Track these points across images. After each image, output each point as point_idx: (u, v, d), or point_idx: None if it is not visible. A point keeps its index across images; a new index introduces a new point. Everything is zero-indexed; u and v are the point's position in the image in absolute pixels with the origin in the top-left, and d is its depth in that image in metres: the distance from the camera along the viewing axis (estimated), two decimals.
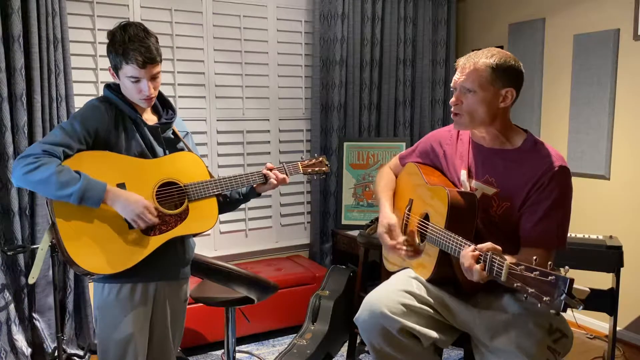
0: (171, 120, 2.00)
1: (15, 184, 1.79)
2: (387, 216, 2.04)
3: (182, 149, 2.03)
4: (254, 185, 2.14)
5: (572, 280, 1.34)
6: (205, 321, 3.20)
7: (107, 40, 1.86)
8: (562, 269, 1.39)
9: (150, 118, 1.98)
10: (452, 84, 1.86)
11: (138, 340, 1.90)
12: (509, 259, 1.53)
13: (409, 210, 2.06)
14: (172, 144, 2.02)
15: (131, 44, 1.80)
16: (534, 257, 1.46)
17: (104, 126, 1.84)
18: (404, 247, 1.94)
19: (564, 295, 1.33)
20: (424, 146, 2.13)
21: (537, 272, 1.40)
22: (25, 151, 1.76)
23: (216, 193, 1.99)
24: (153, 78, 1.86)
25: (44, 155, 1.73)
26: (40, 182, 1.71)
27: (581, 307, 1.35)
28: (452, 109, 1.85)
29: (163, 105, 2.03)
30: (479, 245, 1.60)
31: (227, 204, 2.18)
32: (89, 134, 1.81)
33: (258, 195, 2.18)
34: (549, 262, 1.42)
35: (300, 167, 2.26)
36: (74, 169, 1.76)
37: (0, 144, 2.86)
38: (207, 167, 2.05)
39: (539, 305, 1.38)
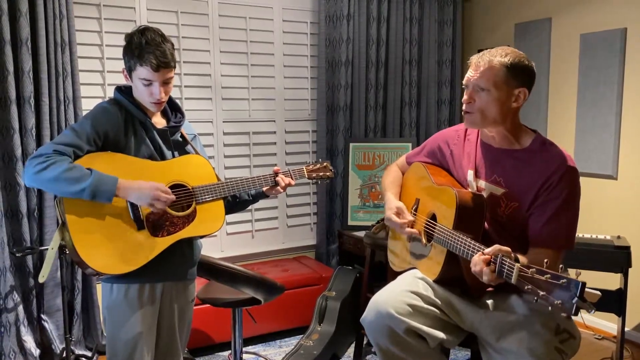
0: (180, 124, 2.02)
1: (26, 183, 1.80)
2: (395, 201, 2.06)
3: (189, 152, 2.05)
4: (264, 189, 2.16)
5: (584, 284, 1.32)
6: (212, 322, 3.21)
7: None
8: (573, 272, 1.38)
9: (159, 121, 1.99)
10: (464, 82, 1.84)
11: (146, 340, 1.91)
12: (520, 259, 1.52)
13: (416, 209, 2.06)
14: (180, 147, 2.03)
15: (147, 47, 1.82)
16: (545, 260, 1.45)
17: (114, 129, 1.86)
18: (414, 230, 1.95)
19: (576, 298, 1.32)
20: (431, 146, 2.13)
21: (549, 275, 1.39)
22: (36, 151, 1.78)
23: (223, 196, 2.01)
24: (165, 83, 1.88)
25: (55, 154, 1.75)
26: (52, 180, 1.73)
27: (593, 311, 1.34)
28: (463, 107, 1.85)
29: (172, 109, 2.05)
30: (487, 250, 1.59)
31: (236, 204, 2.21)
32: (98, 136, 1.83)
33: (267, 196, 2.21)
34: (560, 265, 1.41)
35: (305, 171, 2.28)
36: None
37: (8, 147, 2.88)
38: (214, 169, 2.06)
39: (550, 308, 1.37)
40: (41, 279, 1.95)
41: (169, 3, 3.42)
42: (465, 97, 1.83)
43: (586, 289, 1.33)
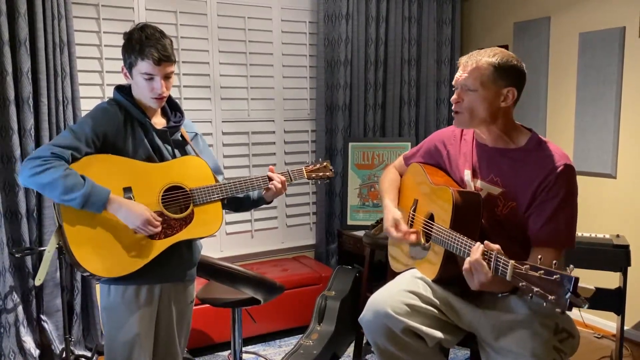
0: (179, 123, 2.01)
1: (21, 183, 1.81)
2: (392, 211, 2.05)
3: (189, 152, 2.04)
4: (263, 193, 2.15)
5: (577, 279, 1.33)
6: (211, 322, 3.21)
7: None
8: (567, 268, 1.39)
9: (159, 122, 1.99)
10: (453, 82, 1.86)
11: (144, 341, 1.91)
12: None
13: (414, 210, 2.06)
14: (180, 147, 2.03)
15: (148, 41, 1.83)
16: (539, 256, 1.46)
17: (113, 130, 1.86)
18: (412, 237, 1.95)
19: (569, 294, 1.33)
20: (428, 146, 2.13)
21: (542, 271, 1.40)
22: (34, 152, 1.77)
23: (221, 197, 2.00)
24: (166, 77, 1.88)
25: (53, 158, 1.74)
26: (47, 185, 1.73)
27: (586, 305, 1.35)
28: (452, 107, 1.86)
29: (171, 108, 2.05)
30: (487, 242, 1.59)
31: (241, 206, 2.20)
32: (97, 138, 1.83)
33: (267, 202, 2.19)
34: (554, 261, 1.42)
35: (304, 172, 2.27)
36: (81, 172, 1.77)
37: (7, 147, 2.88)
38: (212, 170, 2.06)
39: (545, 304, 1.38)
40: (37, 282, 1.96)
41: (168, 3, 3.42)
42: (454, 96, 1.84)
43: (580, 284, 1.34)
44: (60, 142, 1.79)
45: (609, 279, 2.91)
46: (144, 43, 1.82)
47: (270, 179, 2.10)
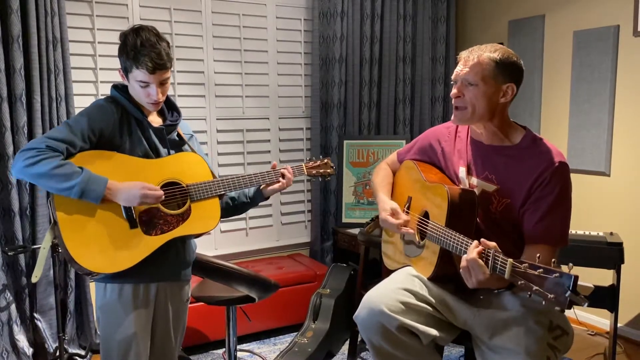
0: (176, 122, 2.00)
1: (14, 175, 1.78)
2: (388, 202, 2.05)
3: (186, 151, 2.03)
4: (261, 187, 2.14)
5: (576, 277, 1.33)
6: (206, 320, 3.20)
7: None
8: (565, 266, 1.39)
9: (155, 120, 1.98)
10: (453, 77, 1.85)
11: (140, 340, 1.90)
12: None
13: (408, 207, 2.06)
14: (177, 146, 2.02)
15: (143, 48, 1.80)
16: (537, 255, 1.46)
17: (110, 126, 1.84)
18: (410, 230, 1.95)
19: (569, 292, 1.32)
20: (422, 143, 2.13)
21: (541, 270, 1.39)
22: (28, 144, 1.75)
23: (219, 193, 1.99)
24: (162, 83, 1.86)
25: (47, 150, 1.73)
26: (42, 175, 1.71)
27: (586, 304, 1.34)
28: (453, 102, 1.85)
29: (168, 107, 2.04)
30: (484, 240, 1.59)
31: (235, 207, 2.19)
32: (93, 134, 1.81)
33: (265, 198, 2.18)
34: (553, 260, 1.41)
35: (304, 168, 2.25)
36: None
37: (0, 144, 2.87)
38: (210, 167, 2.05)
39: (544, 302, 1.38)
40: (34, 279, 1.94)
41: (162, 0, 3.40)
42: (454, 91, 1.83)
43: (579, 282, 1.33)
44: (55, 135, 1.77)
45: (602, 277, 2.92)
46: (139, 50, 1.79)
47: (283, 175, 2.11)
